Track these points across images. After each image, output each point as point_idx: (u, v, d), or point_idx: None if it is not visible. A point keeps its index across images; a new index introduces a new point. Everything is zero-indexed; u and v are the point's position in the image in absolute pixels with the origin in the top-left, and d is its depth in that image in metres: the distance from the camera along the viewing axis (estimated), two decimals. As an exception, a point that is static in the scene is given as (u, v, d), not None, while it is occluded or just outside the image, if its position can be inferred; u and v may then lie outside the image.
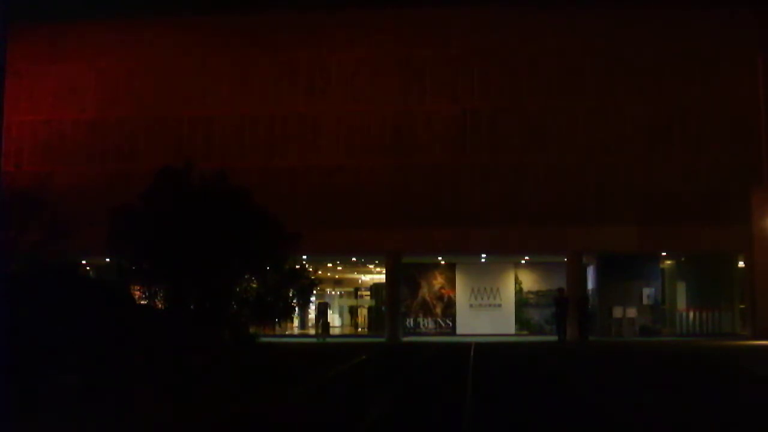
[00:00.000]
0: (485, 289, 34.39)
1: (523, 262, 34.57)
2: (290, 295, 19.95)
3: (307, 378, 14.38)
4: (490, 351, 22.38)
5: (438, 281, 34.65)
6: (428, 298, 34.53)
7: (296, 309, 21.99)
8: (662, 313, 33.17)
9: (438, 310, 34.50)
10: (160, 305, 18.52)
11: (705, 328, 32.26)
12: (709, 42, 30.71)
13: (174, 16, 32.43)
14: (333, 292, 42.70)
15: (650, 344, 26.45)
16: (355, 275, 40.83)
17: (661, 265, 33.52)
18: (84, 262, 30.38)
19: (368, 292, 40.29)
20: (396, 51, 31.61)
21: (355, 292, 41.83)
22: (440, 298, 34.56)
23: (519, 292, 34.59)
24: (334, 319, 40.67)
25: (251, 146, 31.68)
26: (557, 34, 31.26)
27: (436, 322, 34.39)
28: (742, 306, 31.68)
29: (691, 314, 32.82)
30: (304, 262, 25.64)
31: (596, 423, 9.50)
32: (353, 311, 41.12)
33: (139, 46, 32.60)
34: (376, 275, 38.45)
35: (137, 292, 18.92)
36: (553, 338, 29.49)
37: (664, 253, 32.67)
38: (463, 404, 10.66)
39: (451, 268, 34.66)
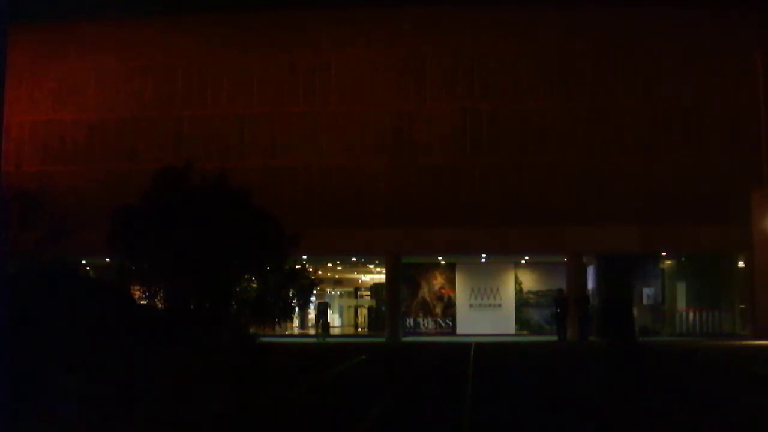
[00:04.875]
0: (485, 289, 34.40)
1: (523, 262, 34.58)
2: (290, 295, 19.95)
3: (306, 378, 14.38)
4: (490, 351, 22.38)
5: (438, 281, 34.65)
6: (428, 298, 34.53)
7: (296, 309, 21.98)
8: (662, 313, 33.17)
9: (438, 310, 34.50)
10: (160, 305, 18.51)
11: (705, 328, 32.27)
12: (709, 42, 30.72)
13: (174, 15, 32.44)
14: (333, 292, 42.70)
15: (650, 344, 26.41)
16: (355, 275, 40.84)
17: (661, 265, 33.51)
18: (84, 262, 30.41)
19: (368, 292, 40.32)
20: (396, 51, 31.62)
21: (355, 292, 41.85)
22: (440, 298, 34.56)
23: (519, 292, 34.60)
24: (334, 319, 40.68)
25: (251, 146, 31.69)
26: (557, 34, 31.26)
27: (436, 322, 34.39)
28: (742, 306, 31.68)
29: (691, 314, 32.83)
30: (304, 262, 25.66)
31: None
32: (353, 311, 41.14)
33: (139, 46, 32.60)
34: (376, 275, 38.46)
35: (137, 292, 18.91)
36: (553, 338, 29.50)
37: (664, 253, 32.67)
38: (462, 407, 10.66)
39: (451, 268, 34.66)
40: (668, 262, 34.38)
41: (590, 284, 33.05)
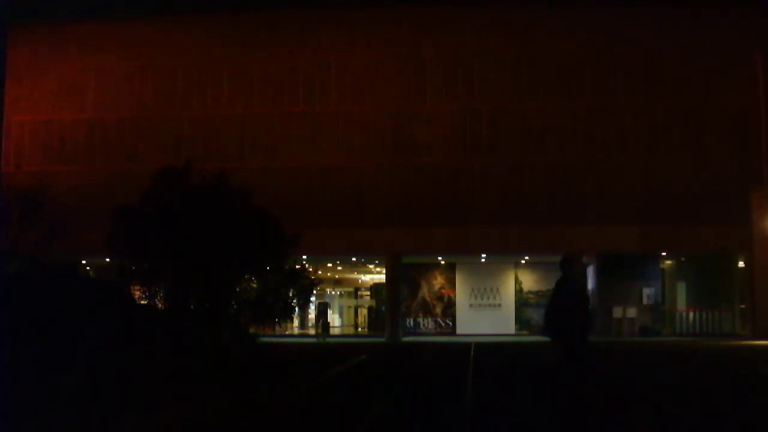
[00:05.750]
0: (485, 289, 34.41)
1: (523, 262, 34.58)
2: (290, 295, 19.91)
3: (306, 378, 14.39)
4: (490, 351, 22.38)
5: (438, 281, 34.66)
6: (428, 298, 34.54)
7: (296, 309, 21.95)
8: (662, 313, 33.17)
9: (438, 310, 34.51)
10: (160, 305, 18.48)
11: (705, 328, 32.26)
12: (709, 42, 30.73)
13: (174, 15, 32.45)
14: (333, 292, 42.71)
15: (650, 344, 26.43)
16: (355, 275, 40.85)
17: (661, 265, 33.52)
18: (84, 262, 30.43)
19: (368, 292, 40.33)
20: (396, 51, 31.62)
21: (355, 292, 41.85)
22: (440, 298, 34.57)
23: (519, 292, 34.60)
24: (334, 319, 40.68)
25: (251, 146, 31.70)
26: (557, 34, 31.27)
27: (436, 322, 34.40)
28: (742, 306, 31.69)
29: (691, 314, 32.83)
30: (304, 262, 25.64)
31: None
32: (353, 311, 41.15)
33: (139, 46, 32.61)
34: (376, 275, 38.46)
35: (137, 292, 18.88)
36: (553, 338, 29.46)
37: (664, 253, 32.67)
38: (462, 409, 10.66)
39: (451, 268, 34.67)
40: (668, 262, 34.40)
41: (590, 284, 33.05)
